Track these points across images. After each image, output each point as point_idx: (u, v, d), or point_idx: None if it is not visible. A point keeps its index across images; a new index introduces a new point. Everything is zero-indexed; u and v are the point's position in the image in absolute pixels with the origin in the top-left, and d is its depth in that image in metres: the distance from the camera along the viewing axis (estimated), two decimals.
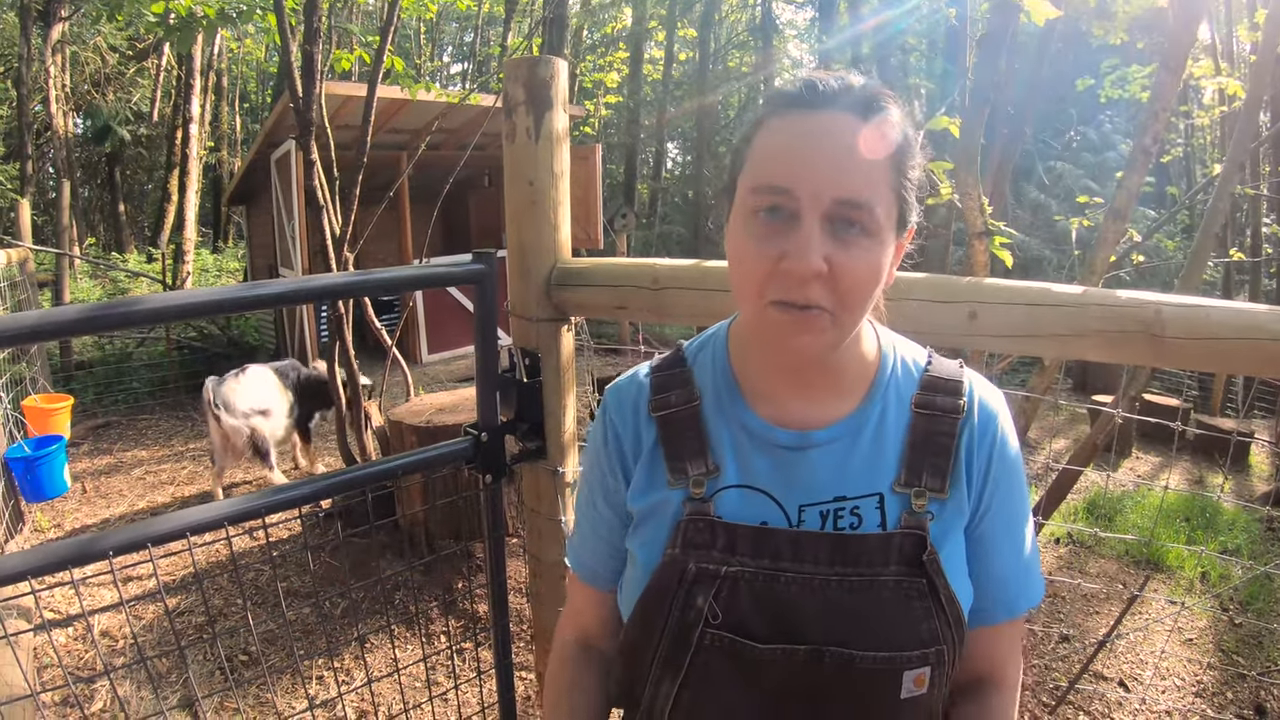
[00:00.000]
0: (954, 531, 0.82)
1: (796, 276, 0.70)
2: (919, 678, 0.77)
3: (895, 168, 0.74)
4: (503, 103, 1.44)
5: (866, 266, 0.72)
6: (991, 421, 0.85)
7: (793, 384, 0.84)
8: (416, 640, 3.15)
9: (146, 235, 17.06)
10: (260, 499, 1.21)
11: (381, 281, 1.40)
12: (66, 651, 3.06)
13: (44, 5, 13.14)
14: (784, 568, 0.78)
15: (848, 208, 0.70)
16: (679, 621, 0.79)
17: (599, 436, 0.93)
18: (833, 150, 0.70)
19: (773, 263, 0.72)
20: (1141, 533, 4.42)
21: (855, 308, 0.74)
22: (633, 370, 0.95)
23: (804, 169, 0.70)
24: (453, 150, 8.41)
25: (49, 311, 1.04)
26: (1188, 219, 11.49)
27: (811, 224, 0.70)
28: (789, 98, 0.74)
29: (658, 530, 0.84)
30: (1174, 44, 2.30)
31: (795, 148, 0.72)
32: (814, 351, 0.76)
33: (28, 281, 5.70)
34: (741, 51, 22.67)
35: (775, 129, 0.74)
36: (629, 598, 0.87)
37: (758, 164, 0.74)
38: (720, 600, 0.78)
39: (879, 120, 0.72)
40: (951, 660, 0.79)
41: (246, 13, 3.79)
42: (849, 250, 0.71)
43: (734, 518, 0.81)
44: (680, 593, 0.79)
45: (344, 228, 3.62)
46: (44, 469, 4.17)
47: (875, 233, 0.72)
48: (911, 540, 0.78)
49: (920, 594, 0.77)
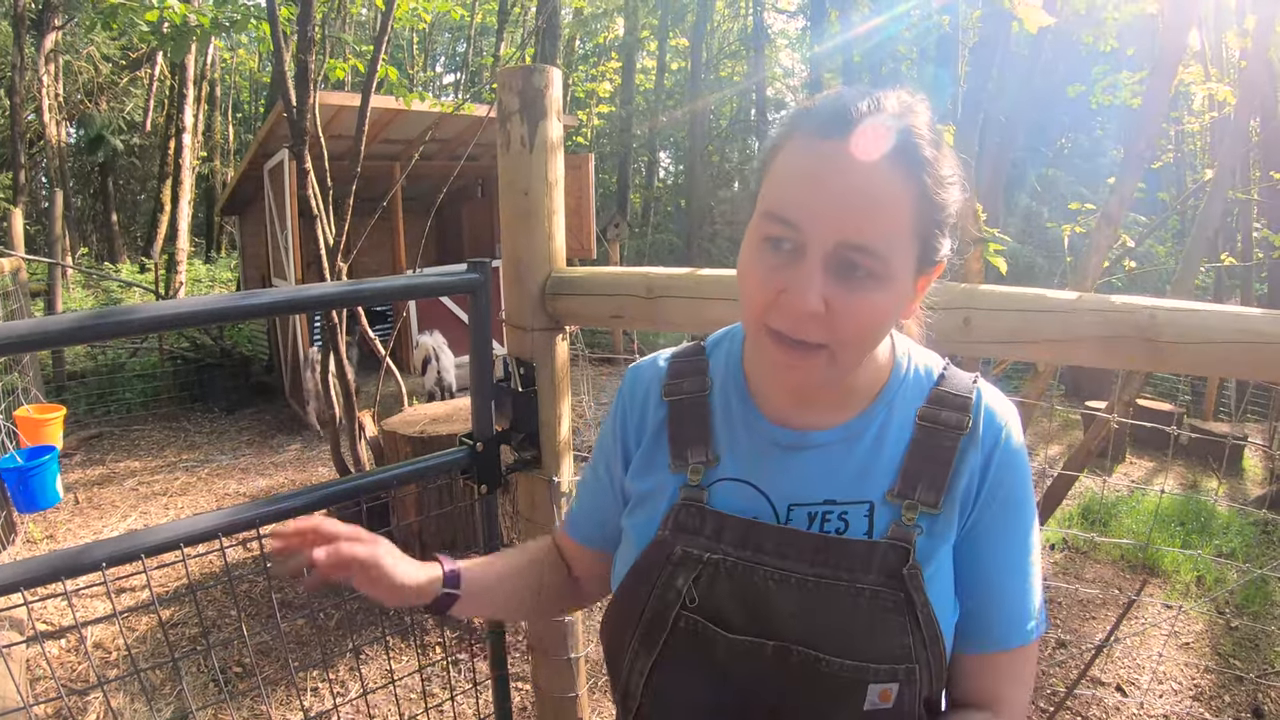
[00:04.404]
0: (943, 549, 0.79)
1: (793, 313, 0.70)
2: (885, 692, 0.75)
3: (919, 211, 0.71)
4: (497, 112, 1.44)
5: (870, 310, 0.70)
6: (996, 441, 0.81)
7: (795, 394, 0.83)
8: (412, 651, 3.13)
9: (139, 245, 17.00)
10: (254, 509, 1.20)
11: (375, 291, 1.40)
12: (59, 663, 3.03)
13: (37, 14, 13.15)
14: (765, 561, 0.79)
15: (855, 252, 0.68)
16: (659, 600, 0.81)
17: (615, 408, 0.97)
18: (846, 191, 0.68)
19: (775, 292, 0.71)
20: (1137, 537, 4.43)
21: (856, 346, 0.73)
22: (656, 353, 0.98)
23: (813, 207, 0.68)
24: (446, 160, 8.41)
25: (41, 320, 1.03)
26: (1179, 224, 11.55)
27: (814, 264, 0.69)
28: (816, 120, 0.71)
29: (653, 512, 0.87)
30: (1164, 50, 2.31)
31: (809, 182, 0.69)
32: (809, 385, 0.77)
33: (20, 291, 5.69)
34: (733, 60, 22.79)
35: (796, 152, 0.71)
36: (619, 573, 0.89)
37: (773, 188, 0.73)
38: (699, 585, 0.79)
39: (906, 162, 0.69)
40: (926, 681, 0.76)
41: (240, 22, 3.79)
42: (852, 294, 0.69)
43: (726, 508, 0.82)
44: (664, 573, 0.81)
45: (337, 238, 3.61)
46: (36, 480, 4.15)
47: (883, 277, 0.70)
48: (895, 551, 0.77)
49: (897, 607, 0.75)
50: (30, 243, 9.08)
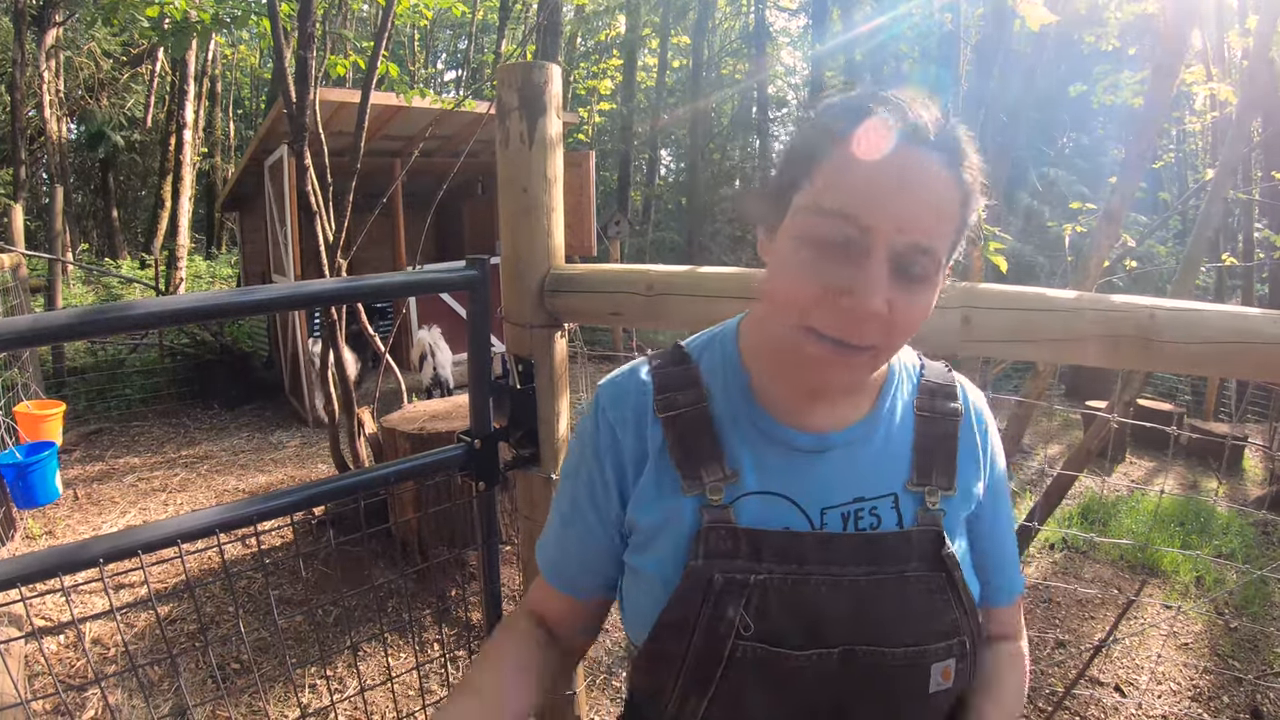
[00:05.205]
0: (961, 526, 0.85)
1: (856, 315, 0.69)
2: (945, 670, 0.78)
3: (963, 216, 0.73)
4: (496, 108, 1.44)
5: (922, 310, 0.72)
6: (983, 421, 0.90)
7: (809, 395, 0.83)
8: (410, 648, 3.13)
9: (140, 241, 17.00)
10: (252, 506, 1.20)
11: (375, 287, 1.40)
12: (57, 659, 3.03)
13: (38, 10, 13.14)
14: (812, 571, 0.77)
15: (918, 253, 0.69)
16: (708, 635, 0.76)
17: (590, 437, 0.88)
18: (920, 194, 0.68)
19: (824, 290, 0.69)
20: (1136, 537, 4.43)
21: (899, 345, 0.76)
22: (628, 367, 0.90)
23: (887, 206, 0.67)
24: (446, 157, 8.41)
25: (41, 316, 1.03)
26: (1180, 224, 11.56)
27: (881, 264, 0.68)
28: (875, 120, 0.69)
29: (674, 542, 0.80)
30: (1166, 50, 2.31)
31: (880, 182, 0.68)
32: (849, 384, 0.79)
33: (20, 286, 5.68)
34: (735, 59, 22.76)
35: (860, 151, 0.69)
36: (642, 615, 0.83)
37: (831, 184, 0.70)
38: (751, 610, 0.76)
39: (959, 167, 0.71)
40: (973, 650, 0.81)
41: (241, 18, 3.79)
42: (909, 294, 0.70)
43: (756, 524, 0.79)
44: (707, 605, 0.76)
45: (337, 234, 3.61)
46: (35, 475, 4.14)
47: (933, 277, 0.71)
48: (929, 536, 0.81)
49: (940, 588, 0.79)
50: (31, 238, 9.08)
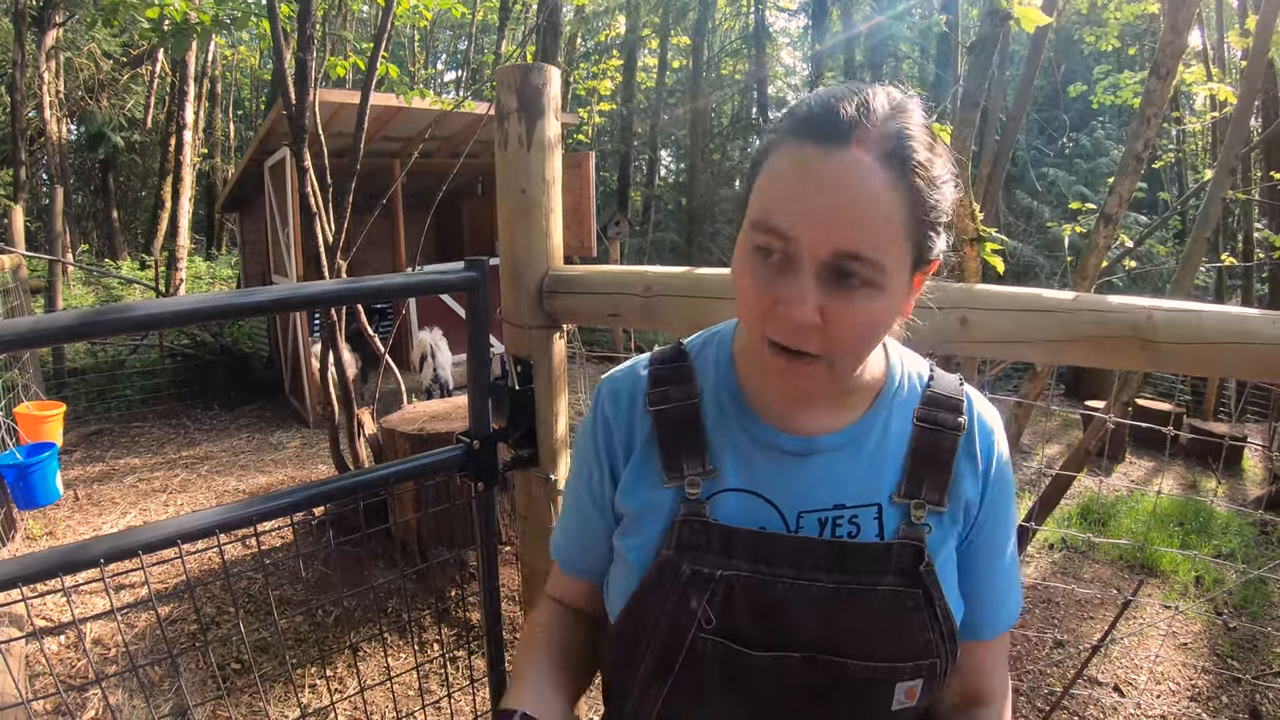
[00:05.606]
0: (948, 545, 0.82)
1: (790, 324, 0.68)
2: (910, 690, 0.76)
3: (912, 213, 0.68)
4: (495, 110, 1.44)
5: (866, 316, 0.69)
6: (990, 440, 0.85)
7: (795, 400, 0.83)
8: (409, 648, 3.13)
9: (140, 242, 17.00)
10: (252, 506, 1.20)
11: (374, 289, 1.40)
12: (58, 659, 3.03)
13: (39, 11, 13.13)
14: (781, 573, 0.77)
15: (849, 260, 0.66)
16: (671, 624, 0.78)
17: (589, 427, 0.91)
18: (838, 200, 0.65)
19: (769, 303, 0.69)
20: (1135, 537, 4.43)
21: (853, 353, 0.73)
22: (630, 361, 0.93)
23: (806, 216, 0.66)
24: (446, 158, 8.40)
25: (42, 318, 1.03)
26: (1179, 224, 11.56)
27: (808, 274, 0.67)
28: (803, 123, 0.69)
29: (650, 530, 0.82)
30: (1165, 50, 2.31)
31: (799, 190, 0.67)
32: (809, 393, 0.77)
33: (20, 287, 5.68)
34: (735, 59, 22.77)
35: (785, 159, 0.69)
36: (617, 597, 0.85)
37: (763, 197, 0.70)
38: (715, 604, 0.77)
39: (897, 165, 0.66)
40: (943, 673, 0.79)
41: (241, 20, 3.79)
42: (848, 301, 0.68)
43: (731, 521, 0.80)
44: (673, 595, 0.78)
45: (337, 235, 3.61)
46: (36, 476, 4.14)
47: (878, 283, 0.68)
48: (909, 551, 0.78)
49: (916, 605, 0.77)
50: (31, 239, 9.08)
